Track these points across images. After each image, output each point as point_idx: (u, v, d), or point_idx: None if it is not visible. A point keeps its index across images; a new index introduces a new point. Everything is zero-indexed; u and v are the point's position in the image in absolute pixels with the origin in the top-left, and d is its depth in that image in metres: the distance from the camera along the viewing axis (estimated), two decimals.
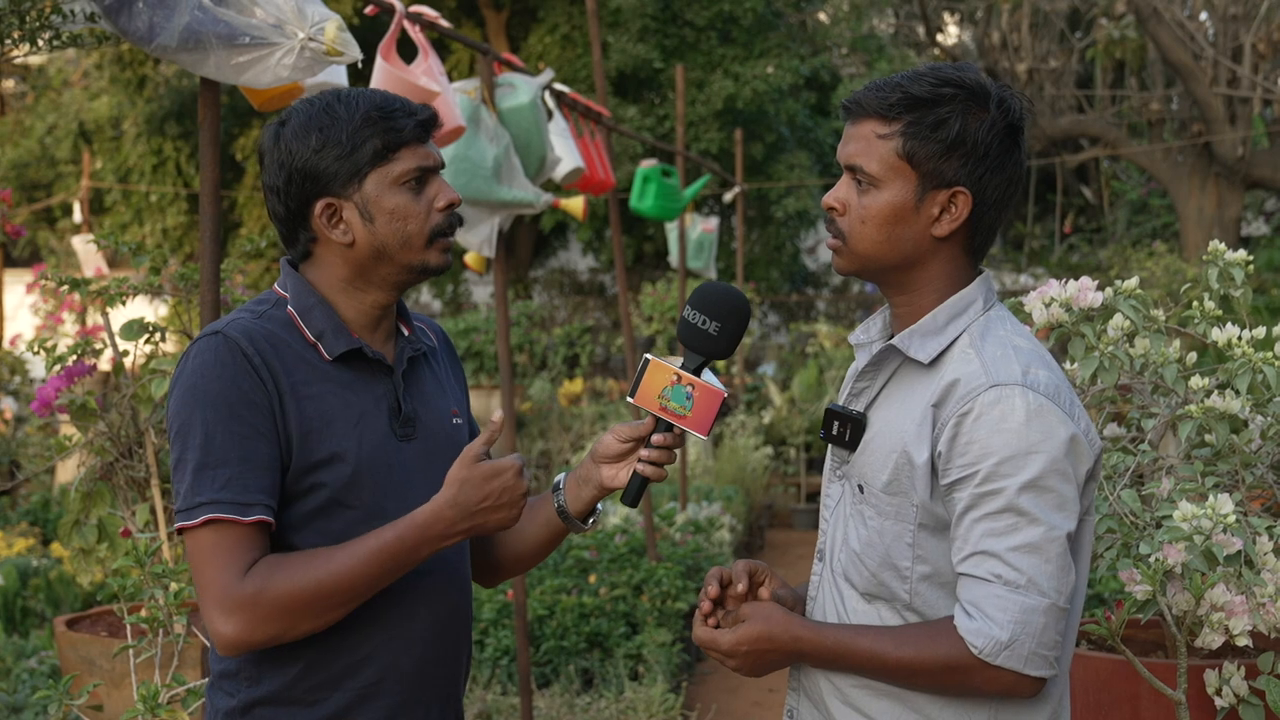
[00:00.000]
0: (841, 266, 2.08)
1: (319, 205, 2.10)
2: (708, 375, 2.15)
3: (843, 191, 2.04)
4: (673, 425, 2.15)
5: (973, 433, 1.91)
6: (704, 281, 2.20)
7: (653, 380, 2.13)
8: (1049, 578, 1.90)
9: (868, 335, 2.15)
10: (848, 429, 2.07)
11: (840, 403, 2.14)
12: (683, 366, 2.13)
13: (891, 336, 2.09)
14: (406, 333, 2.23)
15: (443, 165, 2.18)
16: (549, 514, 2.27)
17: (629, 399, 2.16)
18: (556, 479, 2.29)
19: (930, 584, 1.99)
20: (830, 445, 2.14)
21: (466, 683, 2.29)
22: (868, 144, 2.01)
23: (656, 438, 2.16)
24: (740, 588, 2.09)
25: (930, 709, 1.99)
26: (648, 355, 2.12)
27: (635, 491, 2.18)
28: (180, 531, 2.04)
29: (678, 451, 2.20)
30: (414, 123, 2.12)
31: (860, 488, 2.05)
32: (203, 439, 2.00)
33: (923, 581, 1.99)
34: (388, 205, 2.10)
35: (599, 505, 2.26)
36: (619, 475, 2.19)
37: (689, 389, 2.12)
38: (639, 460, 2.16)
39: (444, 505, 2.02)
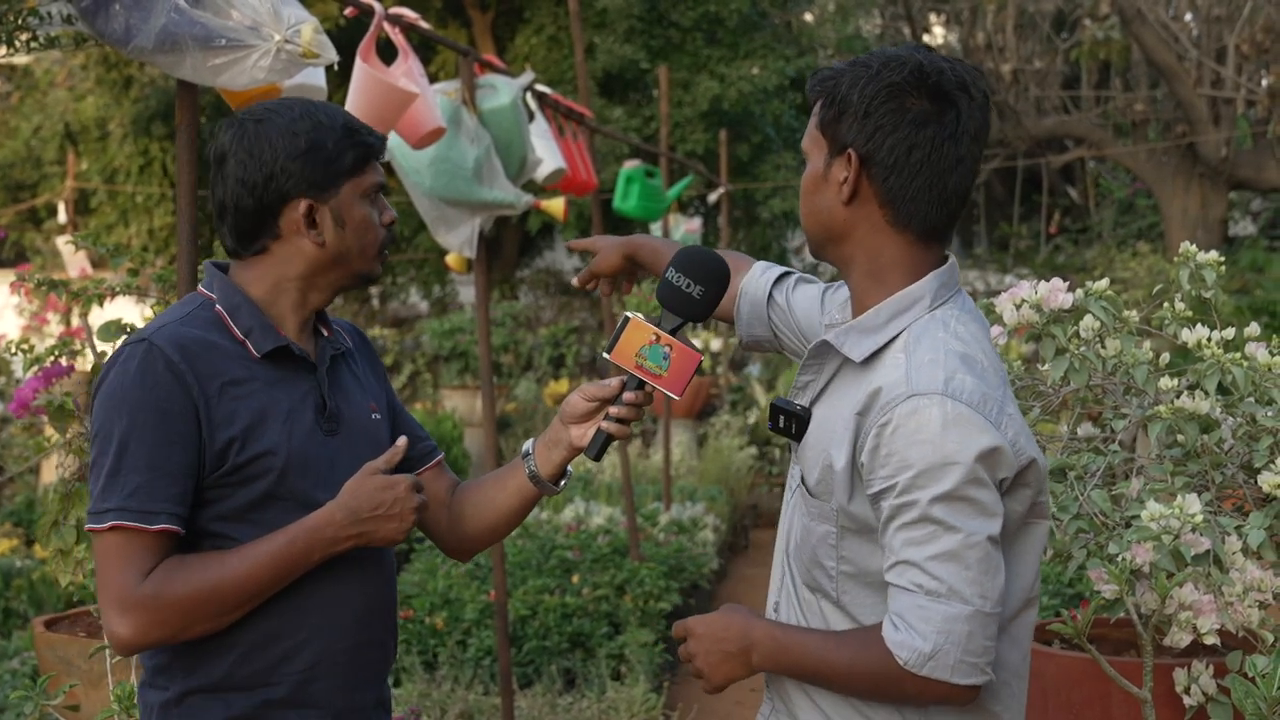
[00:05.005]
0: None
1: (302, 205, 2.18)
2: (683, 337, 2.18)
3: None
4: (644, 384, 2.18)
5: (891, 444, 1.89)
6: (687, 245, 2.23)
7: (631, 338, 2.16)
8: (970, 584, 1.86)
9: (843, 315, 2.14)
10: (792, 423, 2.08)
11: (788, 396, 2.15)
12: (660, 327, 2.16)
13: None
14: (326, 334, 2.31)
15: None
16: (519, 481, 2.33)
17: (605, 354, 2.19)
18: (525, 446, 2.34)
19: (855, 582, 1.99)
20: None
21: (392, 665, 2.37)
22: (808, 126, 2.07)
23: (628, 395, 2.20)
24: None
25: (863, 704, 1.99)
26: (628, 314, 2.14)
27: (599, 447, 2.23)
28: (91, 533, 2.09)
29: (646, 412, 2.24)
30: (377, 140, 2.25)
31: (803, 479, 2.07)
32: (117, 446, 2.06)
33: (847, 579, 2.00)
34: (357, 215, 2.22)
35: (569, 467, 2.32)
36: (587, 435, 2.26)
37: (667, 349, 2.15)
38: (605, 418, 2.22)
39: (336, 509, 2.11)
